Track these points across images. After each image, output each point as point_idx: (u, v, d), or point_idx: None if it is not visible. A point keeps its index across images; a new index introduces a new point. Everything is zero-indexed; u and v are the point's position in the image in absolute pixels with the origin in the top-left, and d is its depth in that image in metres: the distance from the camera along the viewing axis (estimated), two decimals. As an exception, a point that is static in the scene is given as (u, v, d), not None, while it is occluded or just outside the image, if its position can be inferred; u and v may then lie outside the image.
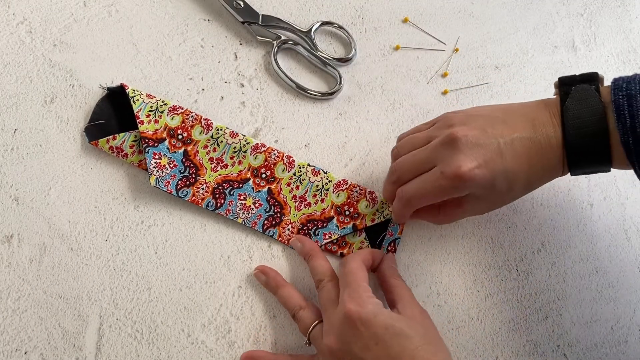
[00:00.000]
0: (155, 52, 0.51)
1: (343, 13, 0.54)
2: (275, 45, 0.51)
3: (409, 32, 0.54)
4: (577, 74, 0.39)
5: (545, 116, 0.39)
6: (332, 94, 0.50)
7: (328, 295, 0.40)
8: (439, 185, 0.38)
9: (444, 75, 0.53)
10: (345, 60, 0.51)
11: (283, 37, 0.51)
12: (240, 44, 0.52)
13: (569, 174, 0.39)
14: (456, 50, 0.54)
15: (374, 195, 0.47)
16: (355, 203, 0.47)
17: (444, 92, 0.52)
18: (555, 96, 0.40)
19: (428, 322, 0.39)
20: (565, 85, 0.38)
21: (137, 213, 0.46)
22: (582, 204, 0.50)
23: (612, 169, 0.38)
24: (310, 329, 0.40)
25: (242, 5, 0.52)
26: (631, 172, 0.37)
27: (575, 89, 0.38)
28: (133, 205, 0.46)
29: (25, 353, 0.42)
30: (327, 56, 0.51)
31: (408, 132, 0.44)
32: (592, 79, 0.38)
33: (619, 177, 0.51)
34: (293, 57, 0.53)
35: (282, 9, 0.54)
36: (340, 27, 0.53)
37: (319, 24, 0.52)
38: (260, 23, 0.51)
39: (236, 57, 0.52)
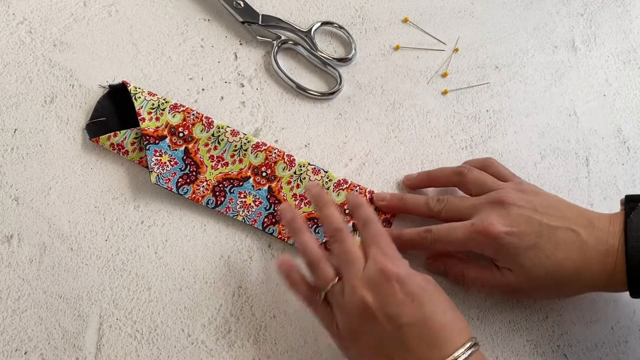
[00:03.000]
0: (155, 52, 0.51)
1: (343, 13, 0.54)
2: (275, 45, 0.51)
3: (409, 32, 0.54)
4: None
5: (605, 221, 0.39)
6: (332, 94, 0.50)
7: (352, 249, 0.39)
8: (466, 233, 0.41)
9: (444, 75, 0.53)
10: (345, 60, 0.51)
11: (283, 37, 0.51)
12: (240, 44, 0.52)
13: (629, 293, 0.38)
14: (456, 50, 0.54)
15: (372, 194, 0.47)
16: (355, 203, 0.47)
17: (444, 92, 0.52)
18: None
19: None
20: (632, 201, 0.39)
21: (137, 213, 0.46)
22: (582, 204, 0.49)
23: None
24: (333, 283, 0.38)
25: (242, 5, 0.52)
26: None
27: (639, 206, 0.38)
28: (133, 205, 0.46)
29: (25, 353, 0.42)
30: (327, 56, 0.51)
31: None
32: None
33: (619, 177, 0.51)
34: (293, 57, 0.53)
35: (282, 9, 0.54)
36: (340, 27, 0.53)
37: (319, 24, 0.53)
38: (260, 23, 0.51)
39: (236, 57, 0.52)
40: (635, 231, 0.37)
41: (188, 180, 0.45)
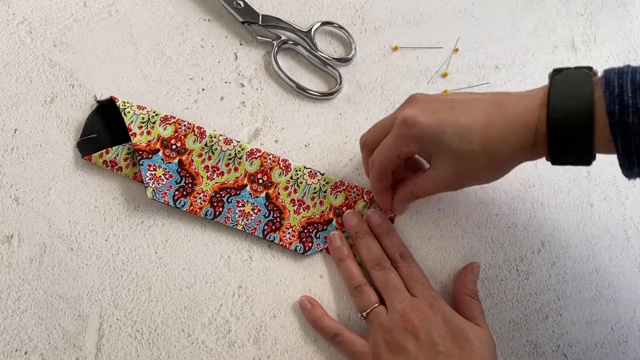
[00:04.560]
0: (155, 52, 0.51)
1: (343, 13, 0.54)
2: (275, 45, 0.51)
3: (409, 32, 0.54)
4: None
5: (524, 93, 0.37)
6: (332, 94, 0.50)
7: (396, 279, 0.43)
8: (392, 136, 0.39)
9: (444, 75, 0.53)
10: (345, 60, 0.51)
11: (283, 37, 0.51)
12: (240, 44, 0.52)
13: (549, 158, 0.36)
14: (456, 50, 0.54)
15: (371, 195, 0.47)
16: (352, 204, 0.47)
17: (444, 92, 0.52)
18: None
19: (494, 345, 0.42)
20: (557, 70, 0.38)
21: (137, 213, 0.46)
22: (582, 204, 0.49)
23: (594, 157, 0.35)
24: (373, 307, 0.42)
25: (242, 5, 0.52)
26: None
27: (567, 70, 0.37)
28: (133, 205, 0.46)
29: (25, 353, 0.42)
30: (327, 56, 0.51)
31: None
32: (587, 68, 0.37)
33: (619, 177, 0.50)
34: (293, 57, 0.53)
35: (282, 9, 0.54)
36: (340, 27, 0.53)
37: (319, 24, 0.53)
38: (260, 23, 0.51)
39: (236, 57, 0.52)
40: (556, 87, 0.35)
41: (184, 193, 0.45)
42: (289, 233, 0.46)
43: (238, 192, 0.46)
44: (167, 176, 0.45)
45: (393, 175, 0.43)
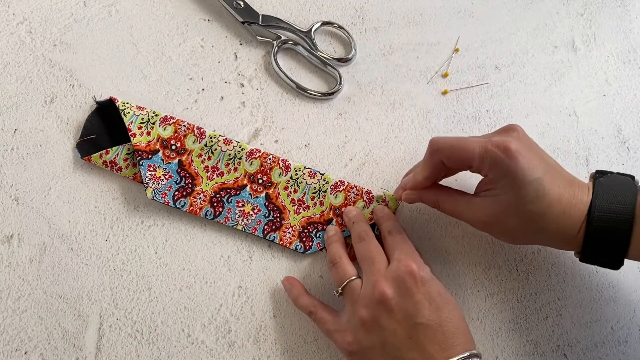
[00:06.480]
0: (155, 52, 0.51)
1: (343, 13, 0.54)
2: (275, 45, 0.51)
3: (409, 32, 0.54)
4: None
5: (581, 182, 0.39)
6: (332, 94, 0.50)
7: (376, 249, 0.41)
8: (481, 148, 0.38)
9: (444, 75, 0.53)
10: (345, 60, 0.51)
11: (283, 37, 0.52)
12: (240, 44, 0.52)
13: (578, 254, 0.39)
14: (456, 50, 0.54)
15: (370, 195, 0.47)
16: (352, 204, 0.47)
17: (444, 92, 0.52)
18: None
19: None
20: (600, 172, 0.40)
21: (137, 213, 0.46)
22: (582, 204, 0.49)
23: (622, 263, 0.38)
24: (349, 280, 0.41)
25: (242, 5, 0.52)
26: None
27: (611, 175, 0.39)
28: (133, 205, 0.46)
29: (25, 353, 0.42)
30: (327, 56, 0.51)
31: None
32: (630, 176, 0.39)
33: (619, 177, 0.51)
34: (293, 57, 0.53)
35: (282, 9, 0.54)
36: (340, 27, 0.53)
37: (319, 24, 0.53)
38: (260, 23, 0.51)
39: (236, 57, 0.52)
40: (601, 188, 0.38)
41: (184, 193, 0.45)
42: (289, 233, 0.46)
43: (238, 192, 0.46)
44: (166, 176, 0.45)
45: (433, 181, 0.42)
